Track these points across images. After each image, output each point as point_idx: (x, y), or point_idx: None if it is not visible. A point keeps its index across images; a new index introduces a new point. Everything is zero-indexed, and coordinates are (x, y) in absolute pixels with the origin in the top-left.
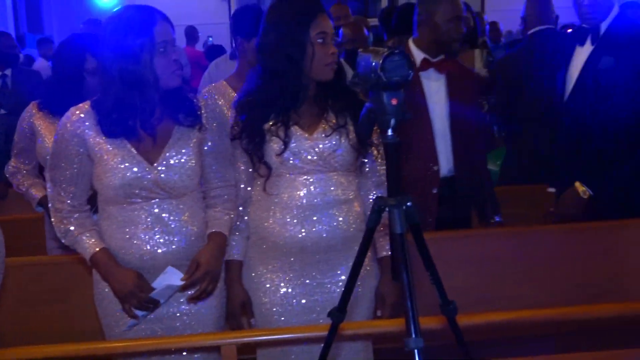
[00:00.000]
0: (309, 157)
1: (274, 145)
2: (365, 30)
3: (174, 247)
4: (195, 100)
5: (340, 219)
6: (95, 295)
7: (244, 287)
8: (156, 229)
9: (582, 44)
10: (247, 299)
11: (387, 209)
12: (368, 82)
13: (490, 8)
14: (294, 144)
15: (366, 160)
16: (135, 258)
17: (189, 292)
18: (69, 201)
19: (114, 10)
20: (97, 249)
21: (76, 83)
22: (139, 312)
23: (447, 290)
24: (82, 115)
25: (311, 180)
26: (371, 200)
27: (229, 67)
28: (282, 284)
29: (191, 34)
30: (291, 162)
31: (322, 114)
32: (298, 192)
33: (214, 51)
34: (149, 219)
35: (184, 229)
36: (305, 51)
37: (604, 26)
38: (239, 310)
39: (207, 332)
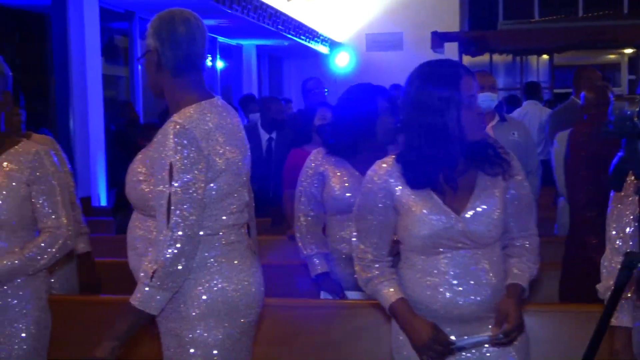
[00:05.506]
0: None
1: None
2: (610, 95)
3: (478, 297)
4: (499, 150)
5: None
6: (393, 342)
7: None
8: (461, 279)
9: None
10: None
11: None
12: (622, 130)
13: None
14: None
15: None
16: (439, 307)
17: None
18: (372, 251)
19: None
20: (396, 299)
21: (367, 125)
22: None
23: None
24: (388, 169)
25: None
26: None
27: None
28: None
29: None
30: None
31: None
32: None
33: None
34: (454, 269)
35: (487, 279)
36: None
37: None
38: None
39: None
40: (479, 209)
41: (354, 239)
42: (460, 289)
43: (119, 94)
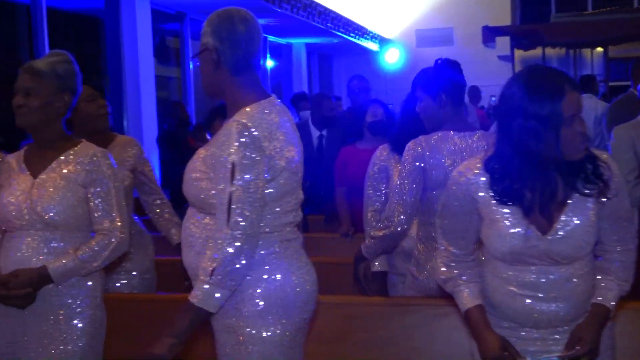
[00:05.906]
0: None
1: None
2: None
3: (560, 311)
4: (600, 165)
5: None
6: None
7: None
8: (542, 290)
9: None
10: None
11: None
12: None
13: None
14: None
15: None
16: (515, 314)
17: None
18: (454, 250)
19: (525, 69)
20: (473, 305)
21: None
22: None
23: None
24: (474, 174)
25: None
26: None
27: None
28: None
29: (474, 94)
30: None
31: None
32: None
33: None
34: (535, 280)
35: (570, 291)
36: None
37: None
38: None
39: None
40: (567, 228)
41: (438, 236)
42: (541, 301)
43: (171, 94)
